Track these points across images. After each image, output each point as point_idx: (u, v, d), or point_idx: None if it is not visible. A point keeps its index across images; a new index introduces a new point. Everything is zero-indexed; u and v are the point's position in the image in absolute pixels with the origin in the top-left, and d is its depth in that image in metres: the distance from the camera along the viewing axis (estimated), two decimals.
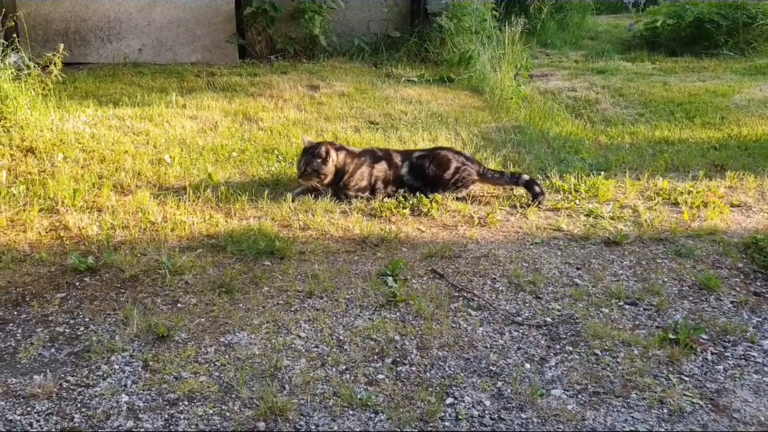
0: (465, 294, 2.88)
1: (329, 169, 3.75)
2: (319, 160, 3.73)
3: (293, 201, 3.71)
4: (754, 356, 2.50)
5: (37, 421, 2.10)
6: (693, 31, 8.86)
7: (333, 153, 3.78)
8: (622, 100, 6.61)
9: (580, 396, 2.27)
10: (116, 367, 2.36)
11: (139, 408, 2.16)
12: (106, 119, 5.02)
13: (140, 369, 2.35)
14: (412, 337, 2.56)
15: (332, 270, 3.05)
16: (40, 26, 7.03)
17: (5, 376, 2.30)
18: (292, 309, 2.74)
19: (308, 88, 6.21)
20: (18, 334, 2.54)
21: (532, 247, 3.33)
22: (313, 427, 2.10)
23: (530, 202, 3.81)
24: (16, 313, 2.67)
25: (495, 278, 3.02)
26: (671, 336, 2.56)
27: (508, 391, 2.28)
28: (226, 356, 2.43)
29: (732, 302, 2.87)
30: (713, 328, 2.66)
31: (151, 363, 2.37)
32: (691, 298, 2.90)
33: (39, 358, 2.41)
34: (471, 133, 4.98)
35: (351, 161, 3.82)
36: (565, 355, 2.48)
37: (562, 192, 4.00)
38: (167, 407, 2.17)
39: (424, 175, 3.87)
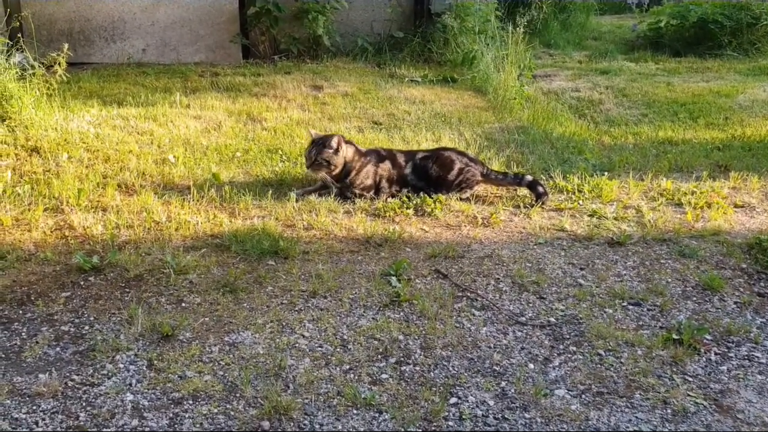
0: (469, 294, 2.89)
1: (339, 160, 3.76)
2: (330, 151, 3.73)
3: (297, 201, 3.71)
4: (757, 357, 2.50)
5: (43, 419, 2.11)
6: (697, 32, 8.85)
7: (344, 145, 3.79)
8: (625, 100, 6.60)
9: (583, 396, 2.27)
10: (121, 366, 2.37)
11: (143, 407, 2.17)
12: (110, 119, 5.04)
13: (145, 368, 2.36)
14: (416, 337, 2.57)
15: (336, 270, 3.05)
16: (45, 26, 7.04)
17: (11, 375, 2.31)
18: (296, 309, 2.75)
19: (312, 88, 6.22)
20: (23, 333, 2.55)
21: (535, 247, 3.34)
22: (317, 426, 2.10)
23: (534, 203, 3.81)
24: (21, 312, 2.68)
25: (498, 278, 3.02)
26: (675, 336, 2.56)
27: (512, 390, 2.28)
28: (231, 355, 2.43)
29: (736, 303, 2.87)
30: (717, 329, 2.66)
31: (155, 362, 2.38)
32: (694, 298, 2.90)
33: (44, 356, 2.42)
34: (474, 134, 4.98)
35: (358, 158, 3.83)
36: (569, 356, 2.48)
37: (565, 192, 4.00)
38: (172, 406, 2.18)
39: (428, 176, 3.87)
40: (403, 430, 2.10)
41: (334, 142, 3.73)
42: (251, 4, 7.21)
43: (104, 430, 2.07)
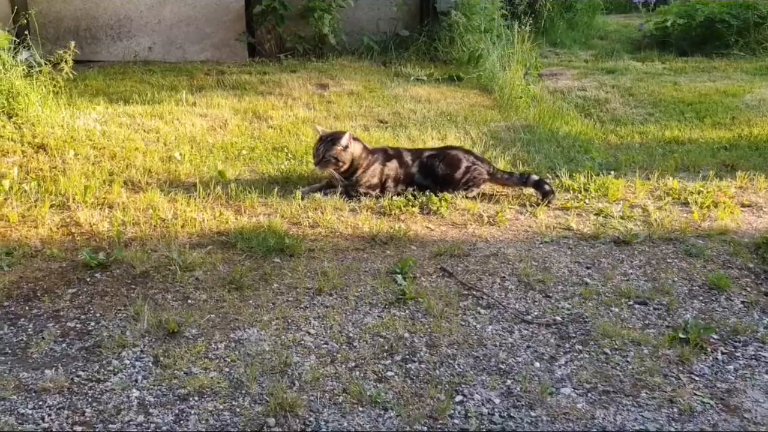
0: (474, 292, 2.88)
1: (347, 157, 3.74)
2: (339, 147, 3.72)
3: (303, 198, 3.71)
4: (764, 356, 2.48)
5: (49, 415, 2.12)
6: (703, 31, 8.81)
7: (353, 142, 3.78)
8: (632, 99, 6.58)
9: (589, 395, 2.26)
10: (127, 362, 2.37)
11: (149, 403, 2.17)
12: (116, 116, 5.05)
13: (151, 364, 2.36)
14: (422, 335, 2.57)
15: (342, 267, 3.05)
16: (52, 24, 7.07)
17: (17, 371, 2.32)
18: (302, 306, 2.75)
19: (317, 87, 6.22)
20: (29, 329, 2.55)
21: (541, 246, 3.33)
22: (322, 423, 2.10)
23: (540, 201, 3.80)
24: (27, 308, 2.69)
25: (504, 277, 3.02)
26: (681, 335, 2.55)
27: (518, 389, 2.28)
28: (236, 352, 2.43)
29: (742, 302, 2.85)
30: (724, 328, 2.65)
31: (161, 358, 2.38)
32: (701, 297, 2.88)
33: (50, 352, 2.42)
34: (480, 132, 4.98)
35: (366, 156, 3.82)
36: (575, 354, 2.48)
37: (571, 191, 3.99)
38: (177, 402, 2.18)
39: (435, 174, 3.87)
40: (408, 427, 2.10)
41: (344, 139, 3.72)
42: (257, 2, 7.23)
43: (110, 426, 2.07)
